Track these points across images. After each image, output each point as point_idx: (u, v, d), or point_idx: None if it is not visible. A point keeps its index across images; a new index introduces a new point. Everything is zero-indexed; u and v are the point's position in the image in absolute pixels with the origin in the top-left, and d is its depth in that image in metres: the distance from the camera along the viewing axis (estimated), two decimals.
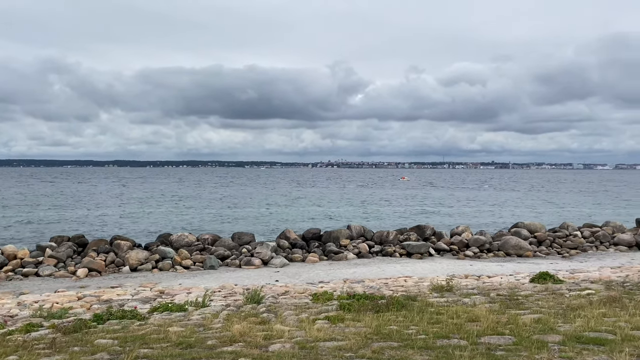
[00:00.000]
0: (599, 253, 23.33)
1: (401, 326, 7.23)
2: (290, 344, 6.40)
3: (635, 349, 5.89)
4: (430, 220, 34.87)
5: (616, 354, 5.66)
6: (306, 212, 45.25)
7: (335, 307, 9.04)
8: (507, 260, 21.48)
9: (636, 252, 23.33)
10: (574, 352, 5.76)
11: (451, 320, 7.53)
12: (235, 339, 6.78)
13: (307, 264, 20.34)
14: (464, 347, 6.04)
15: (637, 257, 21.94)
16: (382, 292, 12.36)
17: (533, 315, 7.87)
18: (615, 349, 5.82)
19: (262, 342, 6.61)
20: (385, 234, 23.72)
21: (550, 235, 24.63)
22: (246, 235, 23.07)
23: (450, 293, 10.84)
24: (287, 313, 8.75)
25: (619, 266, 18.84)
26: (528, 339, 6.34)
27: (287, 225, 32.51)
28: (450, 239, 23.78)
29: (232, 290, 14.36)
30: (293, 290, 13.98)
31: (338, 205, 53.38)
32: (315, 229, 24.45)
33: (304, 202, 57.62)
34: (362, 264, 20.23)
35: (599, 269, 18.22)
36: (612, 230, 25.72)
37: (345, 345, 6.25)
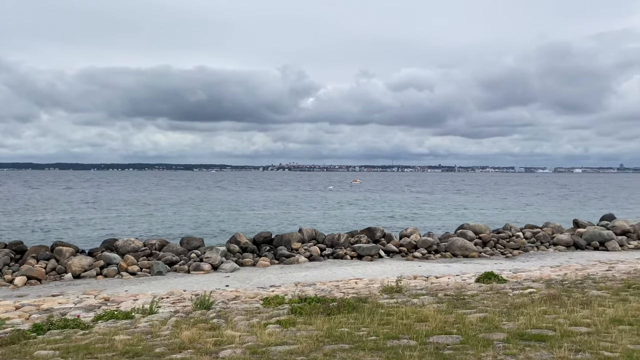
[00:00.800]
0: (539, 253, 24.33)
1: (352, 328, 7.29)
2: (241, 350, 6.32)
3: (574, 343, 6.18)
4: (380, 223, 35.40)
5: (556, 349, 5.92)
6: (257, 216, 44.92)
7: (287, 311, 9.01)
8: (454, 260, 22.07)
9: (574, 252, 24.50)
10: (518, 349, 5.98)
11: (401, 320, 7.66)
12: (184, 345, 6.64)
13: (258, 268, 20.19)
14: (413, 347, 6.15)
15: (575, 256, 23.03)
16: (333, 294, 12.42)
17: (479, 314, 8.12)
18: (555, 345, 6.09)
19: (212, 348, 6.50)
20: (337, 236, 23.87)
21: (495, 236, 25.49)
22: (195, 240, 22.65)
23: (399, 294, 11.03)
24: (237, 318, 8.64)
25: (558, 265, 19.72)
26: (474, 338, 6.53)
27: (238, 229, 32.20)
28: (400, 240, 24.21)
29: (181, 296, 14.05)
30: (244, 295, 13.83)
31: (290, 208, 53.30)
32: (267, 233, 24.31)
33: (256, 206, 57.19)
34: (314, 267, 20.27)
35: (539, 268, 19.00)
36: (552, 231, 26.90)
37: (297, 349, 6.23)
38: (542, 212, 50.00)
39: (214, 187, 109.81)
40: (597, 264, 19.24)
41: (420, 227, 30.07)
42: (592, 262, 20.23)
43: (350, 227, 32.50)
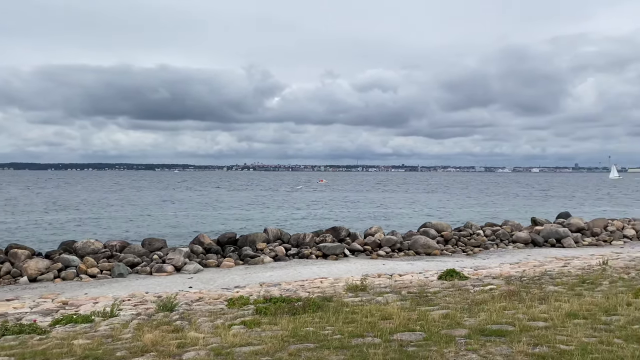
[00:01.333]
0: (499, 250, 24.96)
1: (317, 327, 7.31)
2: (205, 351, 6.25)
3: (532, 338, 6.37)
4: (345, 222, 35.59)
5: (515, 343, 6.09)
6: (222, 216, 44.47)
7: (252, 311, 8.97)
8: (417, 258, 22.40)
9: (532, 249, 25.23)
10: (479, 345, 6.12)
11: (365, 319, 7.73)
12: (146, 348, 6.51)
13: (223, 269, 19.99)
14: (377, 344, 6.22)
15: (533, 253, 23.73)
16: (298, 294, 12.42)
17: (441, 311, 8.27)
18: (515, 340, 6.26)
19: (175, 350, 6.40)
20: (302, 236, 23.87)
21: (456, 234, 25.99)
22: (157, 241, 22.24)
23: (364, 292, 11.13)
24: (201, 320, 8.54)
25: (517, 262, 20.28)
26: (437, 334, 6.65)
27: (202, 229, 31.79)
28: (364, 239, 24.40)
29: (143, 299, 13.79)
30: (208, 296, 13.68)
31: (256, 208, 52.98)
32: (231, 233, 24.08)
33: (221, 206, 56.59)
34: (279, 267, 20.22)
35: (499, 265, 19.50)
36: (511, 229, 27.63)
37: (261, 350, 6.21)
38: (501, 210, 51.30)
39: (177, 187, 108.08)
40: (553, 261, 19.89)
41: (385, 226, 30.37)
42: (549, 258, 20.89)
43: (316, 227, 32.55)
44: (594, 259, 18.58)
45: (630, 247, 24.61)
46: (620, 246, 25.50)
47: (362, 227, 30.74)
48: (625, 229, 28.33)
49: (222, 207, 55.32)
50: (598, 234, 27.43)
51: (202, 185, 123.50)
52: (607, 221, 29.35)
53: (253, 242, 22.75)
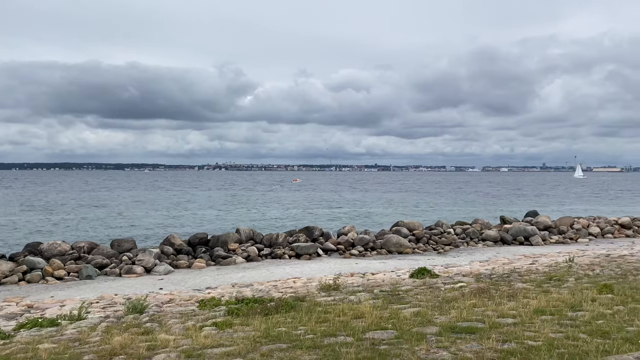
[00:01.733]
0: (469, 248, 25.35)
1: (290, 327, 7.29)
2: (175, 353, 6.17)
3: (501, 334, 6.48)
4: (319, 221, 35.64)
5: (485, 340, 6.19)
6: (193, 216, 43.99)
7: (223, 312, 8.89)
8: (389, 257, 22.57)
9: (501, 247, 25.71)
10: (449, 342, 6.20)
11: (338, 318, 7.74)
12: (115, 351, 6.39)
13: (194, 270, 19.76)
14: (350, 343, 6.24)
15: (502, 251, 24.17)
16: (271, 294, 12.37)
17: (413, 309, 8.35)
18: (484, 336, 6.36)
19: (145, 353, 6.30)
20: (275, 236, 23.78)
21: (427, 233, 26.29)
22: (127, 242, 21.84)
23: (337, 292, 11.15)
24: (172, 321, 8.43)
25: (486, 260, 20.62)
26: (409, 332, 6.71)
27: (172, 230, 31.39)
28: (337, 239, 24.45)
29: (112, 301, 13.52)
30: (178, 297, 13.49)
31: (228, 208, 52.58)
32: (202, 234, 23.82)
33: (192, 206, 55.96)
34: (251, 268, 20.10)
35: (469, 263, 19.79)
36: (481, 227, 28.10)
37: (233, 351, 6.16)
38: (471, 209, 52.16)
39: (147, 187, 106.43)
40: (522, 258, 20.29)
41: (358, 225, 30.52)
42: (518, 256, 21.31)
43: (289, 227, 32.50)
44: (560, 256, 19.04)
45: (595, 245, 25.31)
46: (586, 244, 26.20)
47: (335, 227, 30.84)
48: (591, 227, 29.12)
49: (194, 207, 54.73)
50: (565, 232, 28.13)
51: (174, 185, 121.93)
52: (574, 219, 30.12)
53: (225, 243, 22.55)
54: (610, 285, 9.76)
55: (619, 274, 12.25)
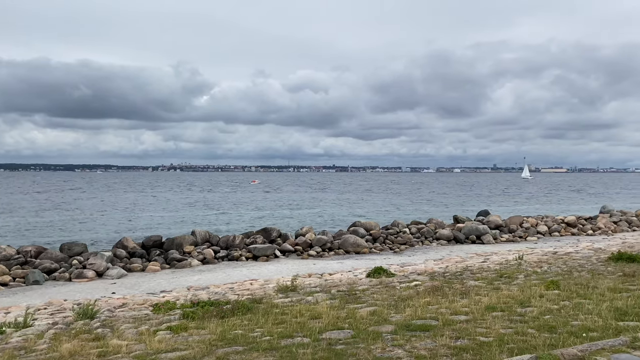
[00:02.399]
0: (424, 247, 25.86)
1: (246, 330, 7.24)
2: (128, 359, 6.01)
3: (454, 331, 6.64)
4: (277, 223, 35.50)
5: (438, 337, 6.32)
6: (148, 219, 42.97)
7: (178, 316, 8.73)
8: (347, 257, 22.74)
9: (454, 245, 26.35)
10: (404, 340, 6.30)
11: (295, 319, 7.74)
12: (64, 359, 6.16)
13: (148, 274, 19.32)
14: (307, 344, 6.24)
15: (455, 249, 24.78)
16: (227, 297, 12.24)
17: (369, 308, 8.44)
18: (438, 334, 6.50)
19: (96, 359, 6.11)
20: (232, 238, 23.54)
21: (384, 233, 26.65)
22: (77, 246, 21.12)
23: (294, 293, 11.14)
24: (125, 326, 8.21)
25: (440, 258, 21.07)
26: (365, 331, 6.77)
27: (126, 233, 30.56)
28: (295, 240, 24.45)
29: (61, 307, 13.05)
30: (132, 301, 13.16)
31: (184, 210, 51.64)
32: (157, 236, 23.31)
33: (147, 208, 54.66)
34: (208, 270, 19.82)
35: (424, 261, 20.18)
36: (435, 227, 28.71)
37: (188, 355, 6.06)
38: (426, 209, 53.22)
39: (100, 189, 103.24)
40: (474, 256, 20.85)
41: (316, 226, 30.62)
42: (470, 254, 21.88)
43: (247, 228, 32.24)
44: (510, 254, 19.66)
45: (543, 243, 26.30)
46: (535, 242, 27.19)
47: (293, 228, 30.83)
48: (539, 226, 30.25)
49: (148, 209, 53.49)
50: (514, 230, 29.10)
51: (127, 186, 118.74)
52: (523, 218, 31.20)
53: (180, 245, 22.16)
54: (557, 282, 10.16)
55: (565, 271, 12.77)
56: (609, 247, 20.09)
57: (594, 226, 31.10)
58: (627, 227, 31.75)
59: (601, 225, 31.06)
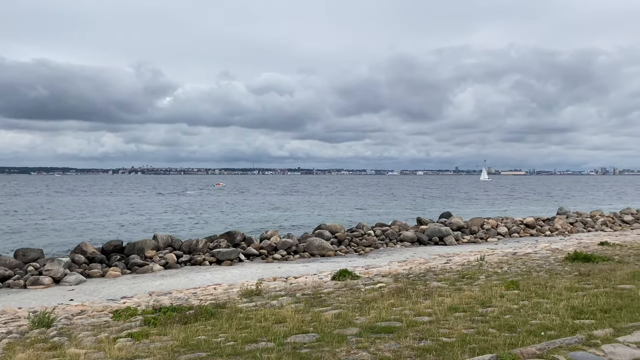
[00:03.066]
0: (388, 249, 26.10)
1: (210, 335, 7.13)
2: None
3: (417, 332, 6.71)
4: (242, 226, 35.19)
5: (402, 339, 6.37)
6: (108, 223, 41.89)
7: (140, 322, 8.53)
8: (312, 260, 22.72)
9: (418, 247, 26.70)
10: (369, 342, 6.32)
11: (259, 323, 7.67)
12: None
13: (108, 279, 18.82)
14: (271, 349, 6.19)
15: (419, 251, 25.11)
16: (190, 302, 12.03)
17: (334, 310, 8.44)
18: (402, 335, 6.56)
19: None
20: (195, 242, 23.18)
21: (349, 235, 26.78)
22: (33, 252, 20.38)
23: (259, 297, 11.05)
24: (83, 334, 7.96)
25: (404, 260, 21.30)
26: (330, 334, 6.77)
27: (85, 237, 29.71)
28: (260, 243, 24.28)
29: (15, 315, 12.54)
30: (91, 308, 12.78)
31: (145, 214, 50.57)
32: (117, 241, 22.75)
33: (106, 212, 53.28)
34: (170, 275, 19.45)
35: (388, 263, 20.36)
36: (399, 229, 29.04)
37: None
38: (390, 210, 53.77)
39: (57, 193, 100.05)
40: (437, 258, 21.17)
41: (281, 229, 30.51)
42: (433, 255, 22.21)
43: (210, 232, 31.83)
44: (472, 255, 20.05)
45: (503, 244, 26.93)
46: (495, 243, 27.82)
47: (259, 231, 30.61)
48: (499, 227, 30.98)
49: (108, 213, 52.16)
50: (476, 232, 29.71)
51: (87, 189, 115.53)
52: (484, 220, 31.90)
53: (141, 250, 21.69)
54: (517, 282, 10.41)
55: (524, 271, 13.11)
56: (566, 248, 20.74)
57: (552, 227, 32.06)
58: (582, 228, 32.87)
59: (558, 226, 32.05)
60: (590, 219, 35.11)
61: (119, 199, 77.57)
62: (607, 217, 35.93)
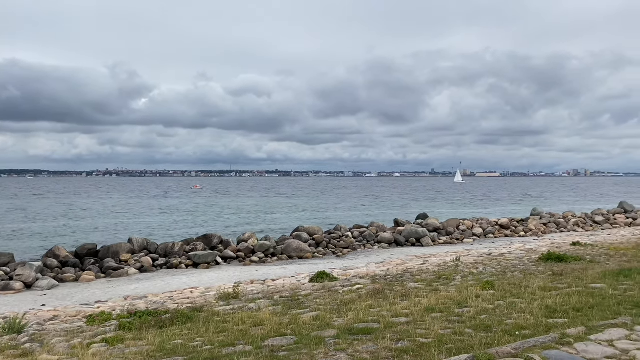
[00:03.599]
0: (366, 251, 26.22)
1: (187, 339, 7.04)
2: None
3: (395, 333, 6.74)
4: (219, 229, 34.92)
5: (380, 340, 6.40)
6: (82, 226, 41.12)
7: (114, 327, 8.39)
8: (290, 262, 22.67)
9: (395, 248, 26.88)
10: (347, 344, 6.33)
11: (237, 327, 7.61)
12: None
13: (82, 284, 18.46)
14: (249, 352, 6.15)
15: (396, 252, 25.27)
16: (166, 306, 11.88)
17: (312, 313, 8.43)
18: (380, 336, 6.58)
19: None
20: (171, 245, 22.92)
21: (327, 237, 26.81)
22: (3, 256, 19.86)
23: (236, 300, 10.98)
24: (56, 340, 7.79)
25: (382, 261, 21.42)
26: (308, 337, 6.75)
27: (58, 241, 29.11)
28: (238, 246, 24.13)
29: None
30: (64, 313, 12.52)
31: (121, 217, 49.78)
32: (91, 244, 22.34)
33: (80, 215, 52.28)
34: (146, 279, 19.18)
35: (366, 265, 20.45)
36: (376, 230, 29.19)
37: None
38: (368, 212, 54.01)
39: (29, 196, 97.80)
40: (414, 259, 21.34)
41: (259, 231, 30.36)
42: (410, 257, 22.38)
43: (187, 235, 31.51)
44: (448, 256, 20.27)
45: (479, 244, 27.30)
46: (470, 243, 28.18)
47: (236, 234, 30.41)
48: (475, 228, 31.40)
49: (82, 216, 51.21)
50: (452, 233, 30.05)
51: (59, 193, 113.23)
52: (459, 221, 32.28)
53: (116, 253, 21.35)
54: (492, 282, 10.56)
55: (500, 271, 13.30)
56: (540, 248, 21.12)
57: (526, 228, 32.62)
58: (555, 229, 33.52)
59: (532, 227, 32.63)
60: (563, 219, 35.83)
61: (94, 202, 76.22)
62: (579, 217, 36.72)
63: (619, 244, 20.33)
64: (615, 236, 26.59)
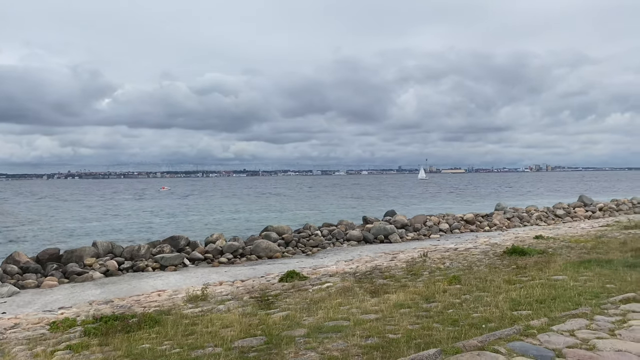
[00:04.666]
0: (335, 249, 26.32)
1: (154, 343, 6.94)
2: None
3: (365, 330, 6.80)
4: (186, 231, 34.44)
5: (350, 337, 6.44)
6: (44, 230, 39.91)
7: (79, 333, 8.19)
8: (260, 262, 22.55)
9: (364, 246, 27.06)
10: (317, 342, 6.35)
11: (206, 329, 7.54)
12: None
13: (44, 289, 17.93)
14: (218, 354, 6.10)
15: (365, 249, 25.46)
16: (133, 310, 11.66)
17: (282, 312, 8.42)
18: (349, 334, 6.62)
19: None
20: (137, 248, 22.49)
21: (296, 236, 26.79)
22: None
23: (205, 302, 10.87)
24: (17, 349, 7.56)
25: (351, 259, 21.53)
26: (278, 337, 6.75)
27: (18, 247, 28.18)
28: (205, 247, 23.86)
29: None
30: (26, 321, 12.13)
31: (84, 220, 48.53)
32: (53, 249, 21.73)
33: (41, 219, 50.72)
34: (111, 283, 18.77)
35: (335, 263, 20.52)
36: (345, 228, 29.33)
37: None
38: (336, 210, 54.21)
39: None
40: (382, 255, 21.53)
41: (227, 232, 30.05)
42: (379, 253, 22.57)
43: (153, 237, 30.96)
44: (416, 252, 20.54)
45: (445, 240, 27.75)
46: (437, 239, 28.62)
47: (204, 235, 30.05)
48: (441, 224, 31.90)
49: (44, 220, 49.70)
50: (419, 229, 30.46)
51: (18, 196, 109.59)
52: (426, 217, 32.75)
53: (80, 258, 20.82)
54: (459, 277, 10.76)
55: (466, 266, 13.56)
56: (504, 242, 21.62)
57: (490, 222, 33.34)
58: (519, 223, 34.38)
59: (497, 222, 33.38)
60: (526, 214, 36.77)
61: (56, 205, 74.07)
62: (541, 211, 37.76)
63: (579, 237, 21.01)
64: (576, 229, 27.46)
